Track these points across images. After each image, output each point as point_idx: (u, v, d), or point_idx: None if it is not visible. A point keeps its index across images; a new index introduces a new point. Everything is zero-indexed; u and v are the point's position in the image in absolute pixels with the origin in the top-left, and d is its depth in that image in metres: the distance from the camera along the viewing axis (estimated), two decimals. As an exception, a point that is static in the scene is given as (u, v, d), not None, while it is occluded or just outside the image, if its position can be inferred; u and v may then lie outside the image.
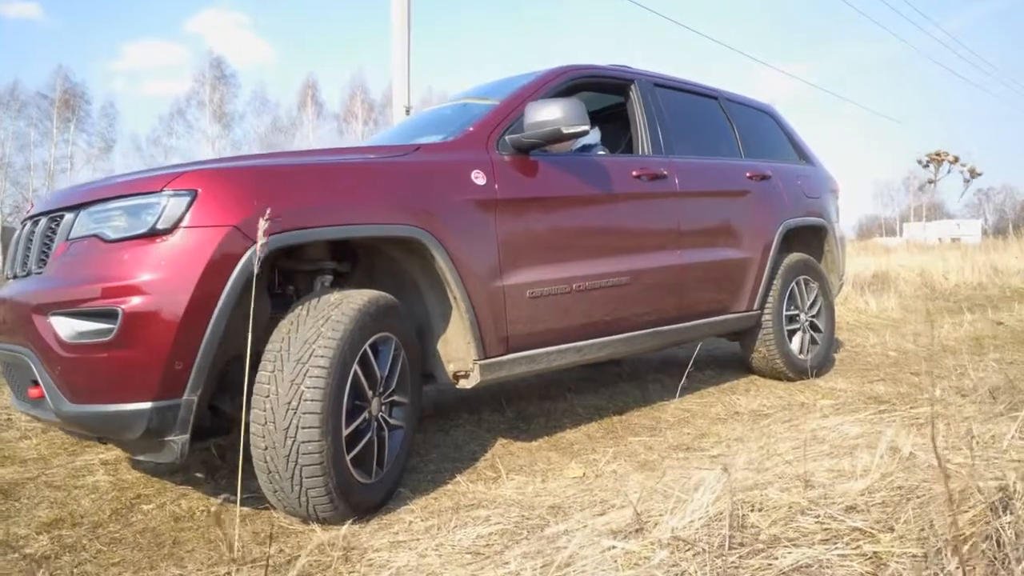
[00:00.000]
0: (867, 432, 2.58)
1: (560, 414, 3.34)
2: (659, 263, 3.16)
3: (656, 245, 3.19)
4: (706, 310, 3.47)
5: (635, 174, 3.14)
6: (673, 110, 3.60)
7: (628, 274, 2.99)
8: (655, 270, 3.14)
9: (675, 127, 3.54)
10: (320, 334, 2.04)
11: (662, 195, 3.24)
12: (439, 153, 2.58)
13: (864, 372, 4.28)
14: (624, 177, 3.10)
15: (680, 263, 3.26)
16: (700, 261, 3.37)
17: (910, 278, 11.39)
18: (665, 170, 3.28)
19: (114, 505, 2.36)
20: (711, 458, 2.58)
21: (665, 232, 3.24)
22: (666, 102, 3.59)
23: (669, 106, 3.59)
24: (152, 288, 1.88)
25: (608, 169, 3.06)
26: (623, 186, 3.07)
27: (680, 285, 3.27)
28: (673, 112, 3.59)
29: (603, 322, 2.93)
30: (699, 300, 3.41)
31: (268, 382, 2.00)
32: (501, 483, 2.46)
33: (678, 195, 3.31)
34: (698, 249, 3.38)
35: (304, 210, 2.12)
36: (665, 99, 3.60)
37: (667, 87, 3.68)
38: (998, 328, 6.22)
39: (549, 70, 3.19)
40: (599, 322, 2.91)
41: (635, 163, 3.21)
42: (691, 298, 3.35)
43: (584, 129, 2.62)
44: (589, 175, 2.97)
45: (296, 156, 2.40)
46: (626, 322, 3.05)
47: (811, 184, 4.31)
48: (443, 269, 2.40)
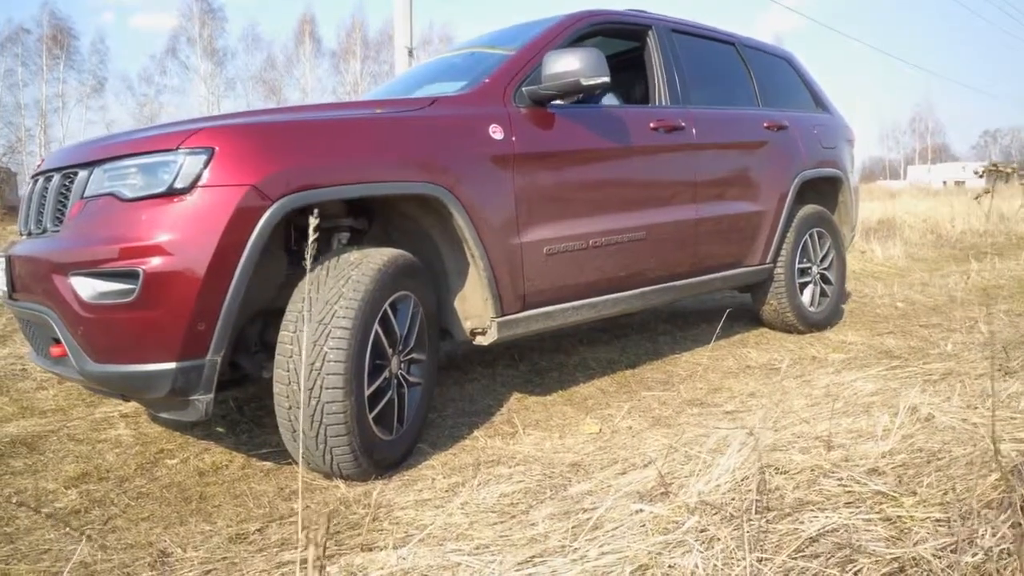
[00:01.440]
0: (881, 389, 2.60)
1: (573, 368, 3.37)
2: (675, 217, 3.12)
3: (672, 199, 3.15)
4: (720, 264, 3.45)
5: (653, 126, 3.07)
6: (690, 57, 3.50)
7: (644, 229, 2.96)
8: (671, 224, 3.11)
9: (692, 75, 3.44)
10: (341, 295, 2.03)
11: (679, 148, 3.18)
12: (456, 107, 2.51)
13: (873, 324, 4.30)
14: (642, 129, 3.03)
15: (696, 217, 3.22)
16: (716, 215, 3.33)
17: (916, 224, 11.33)
18: (683, 121, 3.20)
19: (138, 460, 2.40)
20: (726, 414, 2.61)
21: (682, 185, 3.19)
22: (683, 49, 3.48)
23: (686, 53, 3.48)
24: (172, 248, 1.86)
25: (625, 121, 2.99)
26: (640, 139, 3.00)
27: (696, 239, 3.24)
28: (690, 59, 3.49)
29: (619, 278, 2.91)
30: (714, 254, 3.39)
31: (290, 343, 2.00)
32: (518, 438, 2.50)
33: (695, 147, 3.24)
34: (714, 202, 3.34)
35: (321, 168, 2.08)
36: (682, 45, 3.49)
37: (684, 33, 3.57)
38: (1006, 278, 6.21)
39: (566, 16, 3.08)
40: (615, 278, 2.90)
41: (653, 115, 3.14)
42: (706, 252, 3.32)
43: (604, 80, 2.54)
44: (606, 128, 2.90)
45: (311, 111, 2.33)
46: (642, 277, 3.03)
47: (828, 134, 4.22)
48: (461, 226, 2.37)
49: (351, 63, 39.68)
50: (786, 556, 1.29)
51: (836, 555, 1.30)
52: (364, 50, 40.25)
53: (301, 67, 40.47)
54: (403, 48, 8.51)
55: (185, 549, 1.75)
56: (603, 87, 2.57)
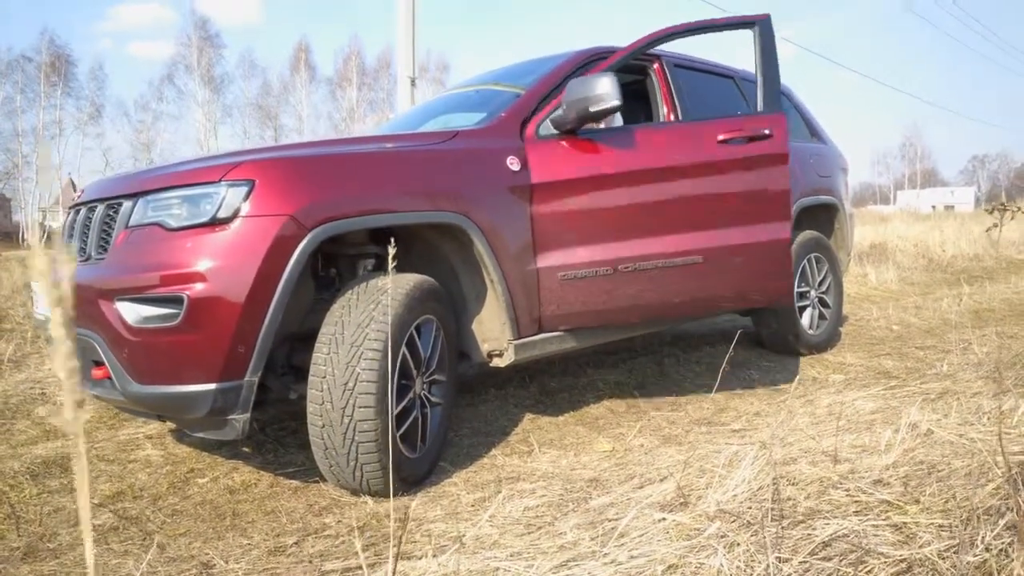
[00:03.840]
0: (882, 408, 2.72)
1: (582, 389, 3.47)
2: (685, 246, 3.03)
3: (681, 226, 3.06)
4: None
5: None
6: (692, 90, 3.65)
7: (658, 256, 2.89)
8: (680, 253, 3.03)
9: (694, 107, 3.59)
10: (372, 318, 2.14)
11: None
12: (476, 140, 2.64)
13: (870, 346, 4.43)
14: (655, 156, 2.97)
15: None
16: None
17: (907, 249, 11.53)
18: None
19: (170, 479, 2.48)
20: (733, 432, 2.72)
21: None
22: (685, 82, 3.65)
23: (688, 86, 3.64)
24: (215, 275, 1.97)
25: (637, 146, 2.95)
26: (654, 163, 2.94)
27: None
28: (692, 92, 3.64)
29: (632, 307, 2.89)
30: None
31: (324, 364, 2.10)
32: (535, 457, 2.59)
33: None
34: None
35: (353, 198, 2.21)
36: (685, 79, 3.65)
37: (686, 67, 3.74)
38: (997, 301, 6.37)
39: (577, 52, 3.24)
40: (628, 307, 2.88)
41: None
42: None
43: (614, 104, 2.60)
44: (621, 155, 2.89)
45: (342, 144, 2.47)
46: (654, 306, 2.98)
47: (823, 162, 4.39)
48: (481, 253, 2.50)
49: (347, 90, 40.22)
50: (803, 557, 1.39)
51: (849, 556, 1.41)
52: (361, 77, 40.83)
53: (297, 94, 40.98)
54: (406, 77, 8.73)
55: (227, 561, 1.84)
56: (613, 111, 2.62)
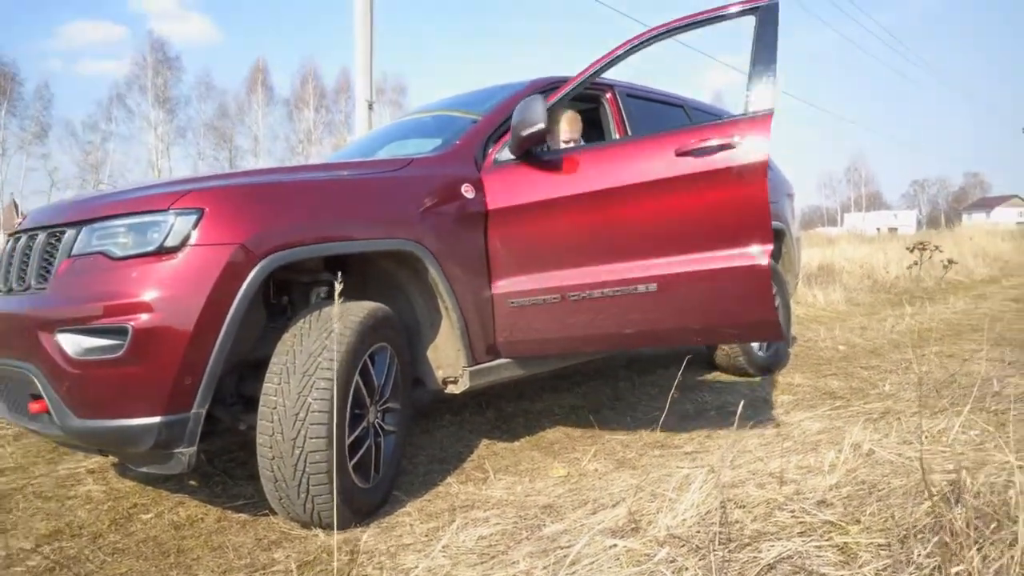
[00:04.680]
0: (827, 428, 2.80)
1: (538, 414, 3.48)
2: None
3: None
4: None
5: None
6: (642, 118, 3.74)
7: (606, 285, 2.67)
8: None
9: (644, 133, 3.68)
10: (325, 347, 2.12)
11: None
12: (429, 167, 2.66)
13: (817, 367, 4.55)
14: (603, 177, 2.77)
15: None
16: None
17: (853, 270, 11.92)
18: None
19: (111, 515, 2.40)
20: (686, 455, 2.76)
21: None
22: (637, 110, 3.74)
23: (639, 114, 3.73)
24: (161, 305, 1.93)
25: (588, 167, 2.79)
26: (618, 188, 2.72)
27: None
28: (642, 119, 3.73)
29: (584, 336, 2.77)
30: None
31: (274, 394, 2.07)
32: (490, 484, 2.59)
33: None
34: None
35: (305, 226, 2.19)
36: (636, 107, 3.74)
37: (637, 96, 3.83)
38: (936, 321, 6.63)
39: (532, 81, 3.30)
40: (579, 337, 2.76)
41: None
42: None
43: (539, 128, 2.56)
44: (567, 177, 2.75)
45: (294, 172, 2.45)
46: (606, 336, 2.77)
47: (772, 189, 4.52)
48: (435, 281, 2.50)
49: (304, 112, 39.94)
50: (748, 581, 1.42)
51: (792, 579, 1.45)
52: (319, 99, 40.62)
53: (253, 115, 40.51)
54: (364, 102, 8.73)
55: (171, 601, 1.78)
56: (539, 134, 2.59)
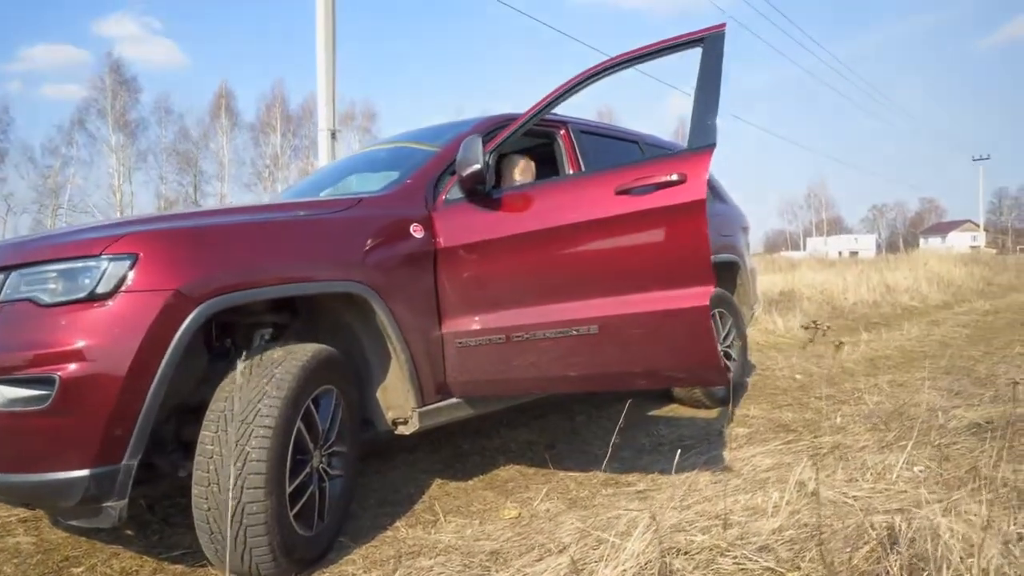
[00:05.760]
0: (777, 464, 2.82)
1: (494, 451, 3.45)
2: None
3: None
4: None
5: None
6: (597, 154, 3.78)
7: (548, 326, 2.56)
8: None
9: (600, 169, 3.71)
10: (265, 393, 2.07)
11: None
12: (378, 207, 2.64)
13: (773, 397, 4.60)
14: (546, 215, 2.66)
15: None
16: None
17: (814, 296, 12.16)
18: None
19: (40, 570, 2.29)
20: (637, 493, 2.75)
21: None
22: (590, 146, 3.78)
23: (593, 150, 3.77)
24: (91, 354, 1.87)
25: (533, 205, 2.72)
26: (557, 227, 2.63)
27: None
28: (597, 156, 3.77)
29: (530, 378, 2.68)
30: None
31: (211, 443, 2.01)
32: (440, 527, 2.54)
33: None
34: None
35: (246, 270, 2.15)
36: (590, 144, 3.78)
37: (592, 132, 3.88)
38: (891, 348, 6.77)
39: (486, 117, 3.32)
40: (526, 379, 2.68)
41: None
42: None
43: (476, 168, 2.56)
44: (512, 216, 2.71)
45: (235, 214, 2.40)
46: (551, 379, 2.67)
47: (724, 223, 4.61)
48: (383, 323, 2.48)
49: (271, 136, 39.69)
50: (683, 637, 1.40)
51: (728, 633, 1.43)
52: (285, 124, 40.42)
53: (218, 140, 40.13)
54: (326, 131, 8.72)
55: (94, 666, 1.70)
56: (477, 174, 2.58)
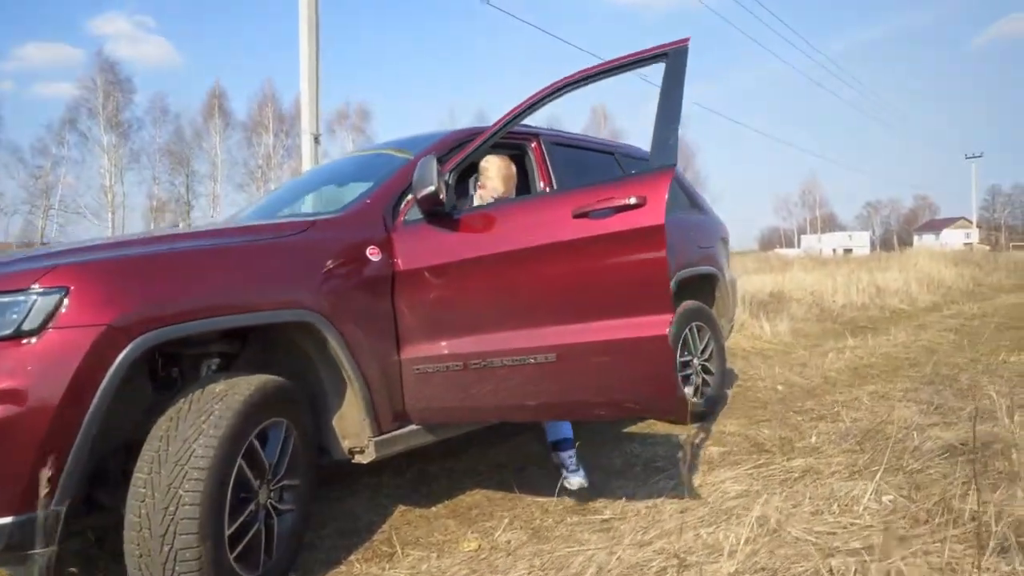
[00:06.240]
0: (745, 492, 2.75)
1: (461, 474, 3.37)
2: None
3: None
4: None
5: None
6: (570, 167, 3.70)
7: (506, 353, 2.47)
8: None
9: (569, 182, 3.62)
10: (201, 432, 1.99)
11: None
12: (332, 230, 2.55)
13: (752, 411, 4.53)
14: (503, 239, 2.56)
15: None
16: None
17: (803, 298, 12.10)
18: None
19: (-24, 611, 2.21)
20: (602, 522, 2.67)
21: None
22: (563, 159, 3.69)
23: (565, 162, 3.69)
24: (15, 395, 1.78)
25: (490, 228, 2.62)
26: (514, 251, 2.52)
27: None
28: (570, 169, 3.69)
29: (490, 407, 2.58)
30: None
31: (144, 486, 1.93)
32: (396, 561, 2.47)
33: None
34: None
35: (185, 301, 2.07)
36: (563, 156, 3.70)
37: (564, 144, 3.80)
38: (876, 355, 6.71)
39: (451, 132, 3.24)
40: (486, 407, 2.58)
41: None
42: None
43: (430, 190, 2.47)
44: (469, 238, 2.62)
45: (176, 241, 2.31)
46: (511, 407, 2.57)
47: (703, 234, 4.54)
48: (336, 351, 2.40)
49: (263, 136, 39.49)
50: None
51: None
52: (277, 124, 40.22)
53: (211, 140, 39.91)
54: (309, 135, 8.62)
55: None
56: (431, 196, 2.50)
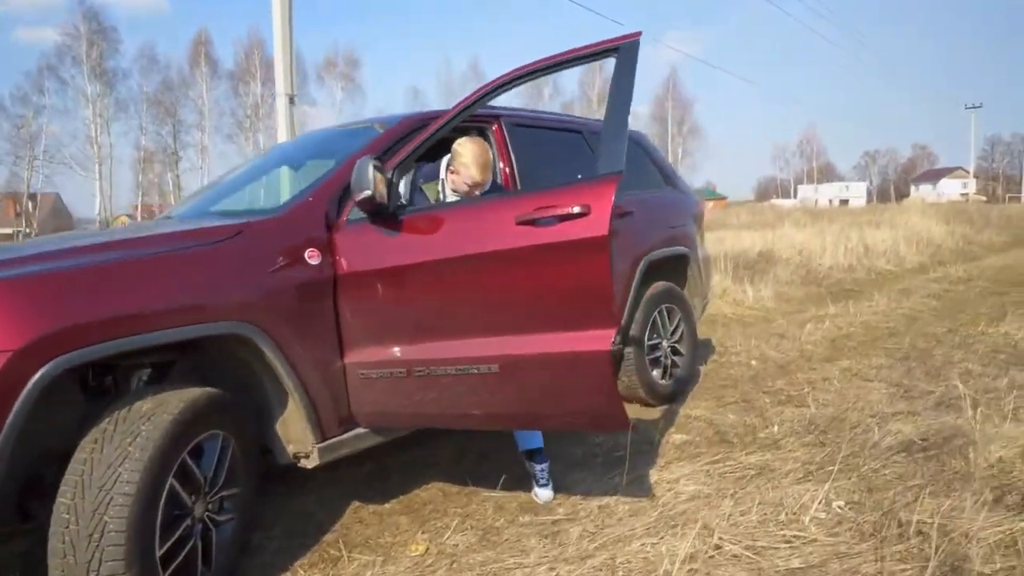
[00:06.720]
0: (698, 494, 2.73)
1: (419, 467, 3.34)
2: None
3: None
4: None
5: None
6: (533, 149, 3.55)
7: (449, 362, 2.38)
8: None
9: (535, 169, 3.50)
10: (127, 455, 1.93)
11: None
12: (267, 234, 2.44)
13: (722, 391, 4.51)
14: (443, 248, 2.46)
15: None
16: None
17: (792, 257, 12.03)
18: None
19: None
20: (553, 524, 2.66)
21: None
22: (527, 140, 3.55)
23: (530, 145, 3.55)
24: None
25: (433, 231, 2.51)
26: (457, 258, 2.41)
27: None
28: (533, 151, 3.55)
29: (435, 414, 2.53)
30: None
31: (67, 512, 1.88)
32: (341, 567, 2.45)
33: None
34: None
35: (100, 321, 1.96)
36: (526, 139, 3.55)
37: (528, 126, 3.65)
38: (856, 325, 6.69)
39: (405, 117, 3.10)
40: (431, 414, 2.53)
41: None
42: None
43: (365, 194, 2.36)
44: (413, 241, 2.51)
45: (87, 254, 2.15)
46: (457, 416, 2.53)
47: (675, 212, 4.43)
48: (273, 361, 2.33)
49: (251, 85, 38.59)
50: None
51: None
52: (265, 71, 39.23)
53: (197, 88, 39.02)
54: (284, 96, 8.38)
55: None
56: (368, 201, 2.40)
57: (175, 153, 39.86)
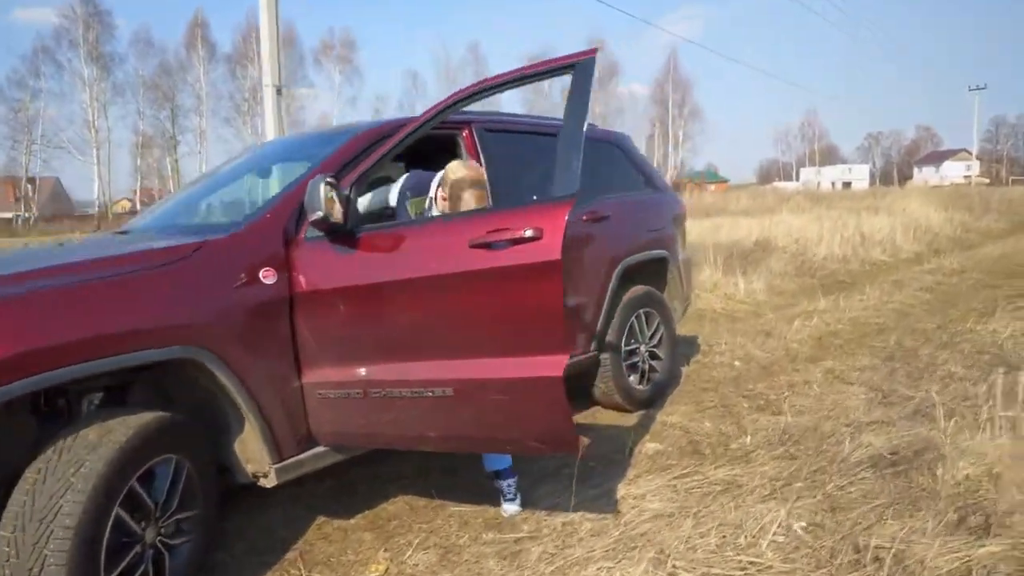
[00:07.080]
0: (660, 512, 2.71)
1: (385, 480, 3.32)
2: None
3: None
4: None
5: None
6: (505, 154, 3.49)
7: (406, 384, 2.36)
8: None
9: (509, 175, 3.44)
10: (70, 486, 1.91)
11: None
12: (220, 254, 2.40)
13: (701, 394, 4.49)
14: (397, 269, 2.44)
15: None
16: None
17: (788, 245, 11.94)
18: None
19: None
20: (515, 542, 2.65)
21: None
22: (499, 146, 3.49)
23: (502, 151, 3.49)
24: None
25: (390, 250, 2.49)
26: (411, 280, 2.38)
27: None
28: (505, 157, 3.48)
29: (394, 435, 2.54)
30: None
31: (8, 545, 1.87)
32: (300, 588, 2.45)
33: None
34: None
35: (51, 347, 1.93)
36: (498, 144, 3.50)
37: (501, 131, 3.59)
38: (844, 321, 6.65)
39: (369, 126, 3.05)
40: (390, 435, 2.54)
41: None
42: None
43: (319, 215, 2.32)
44: (370, 260, 2.49)
45: (25, 280, 2.08)
46: (415, 438, 2.53)
47: (654, 214, 4.38)
48: (226, 384, 2.30)
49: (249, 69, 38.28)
50: None
51: None
52: (262, 55, 38.93)
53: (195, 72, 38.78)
54: (271, 87, 8.30)
55: None
56: (322, 222, 2.36)
57: (173, 137, 39.72)
